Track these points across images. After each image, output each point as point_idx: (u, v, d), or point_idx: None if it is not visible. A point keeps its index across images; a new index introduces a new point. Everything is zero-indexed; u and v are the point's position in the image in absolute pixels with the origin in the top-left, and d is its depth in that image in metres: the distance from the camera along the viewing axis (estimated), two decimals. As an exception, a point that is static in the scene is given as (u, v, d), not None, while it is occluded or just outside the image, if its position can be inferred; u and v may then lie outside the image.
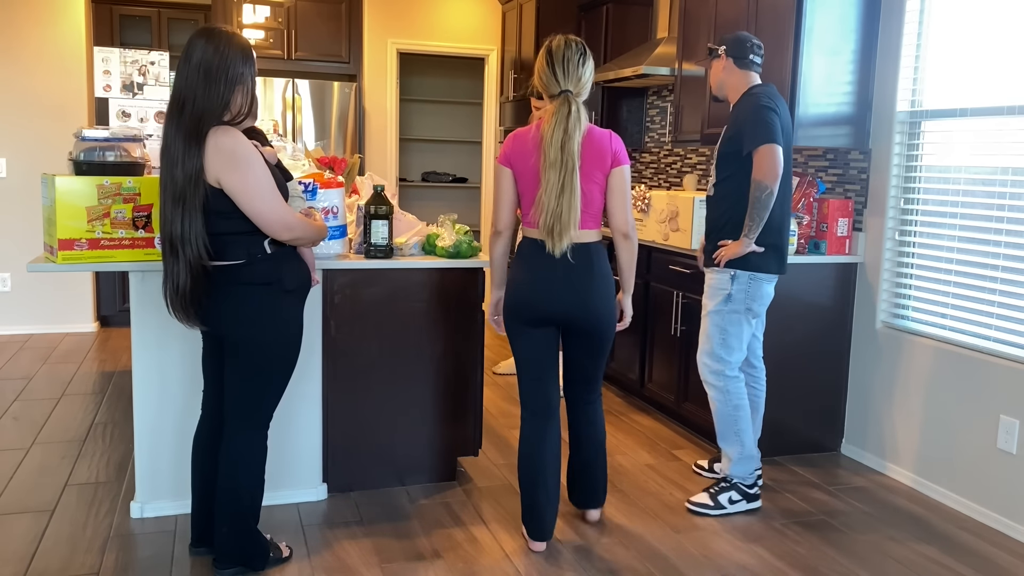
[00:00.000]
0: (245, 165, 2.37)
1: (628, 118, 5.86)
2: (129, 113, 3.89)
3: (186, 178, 2.35)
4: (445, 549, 2.90)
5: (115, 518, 3.05)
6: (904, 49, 3.66)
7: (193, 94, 2.36)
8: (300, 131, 6.35)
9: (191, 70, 2.37)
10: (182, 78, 2.39)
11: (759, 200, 3.04)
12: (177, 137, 2.36)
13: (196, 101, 2.36)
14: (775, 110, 3.08)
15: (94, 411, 4.27)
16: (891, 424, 3.73)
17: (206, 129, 2.35)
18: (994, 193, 3.31)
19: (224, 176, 2.36)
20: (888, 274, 3.78)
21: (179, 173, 2.36)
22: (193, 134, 2.35)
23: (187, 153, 2.35)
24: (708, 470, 3.63)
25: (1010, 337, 3.24)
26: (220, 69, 2.37)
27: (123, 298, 6.15)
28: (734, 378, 3.28)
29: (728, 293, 3.22)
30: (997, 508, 3.24)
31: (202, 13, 6.54)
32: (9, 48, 5.69)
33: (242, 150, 2.37)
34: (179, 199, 2.36)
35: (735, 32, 3.30)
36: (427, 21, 6.94)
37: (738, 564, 2.86)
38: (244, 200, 2.39)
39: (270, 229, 2.44)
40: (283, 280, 2.51)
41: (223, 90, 2.38)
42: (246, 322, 2.50)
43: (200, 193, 2.37)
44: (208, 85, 2.36)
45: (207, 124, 2.36)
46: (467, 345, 3.39)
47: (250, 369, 2.55)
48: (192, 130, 2.35)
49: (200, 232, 2.38)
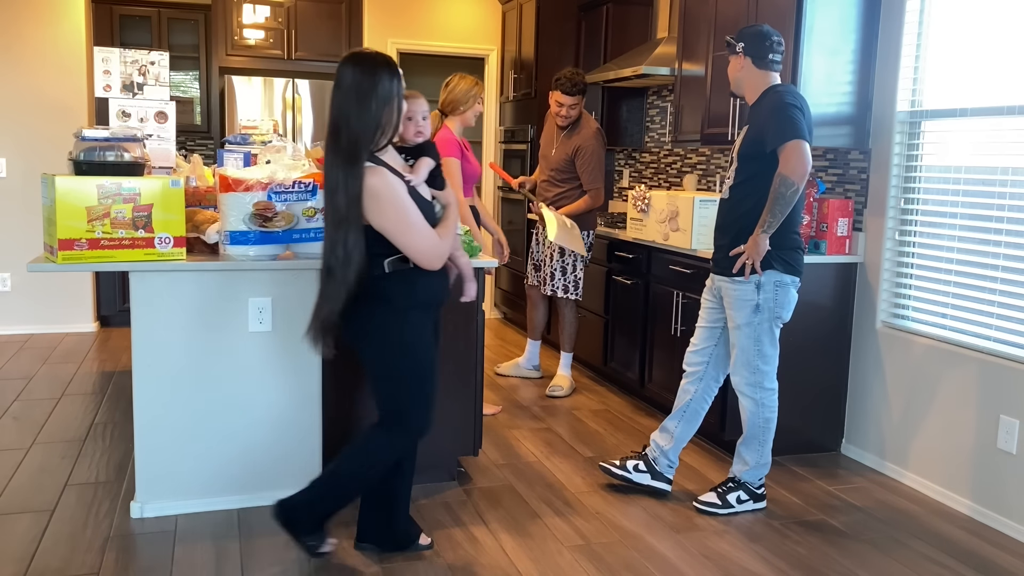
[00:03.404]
0: (390, 206, 2.47)
1: (628, 118, 5.86)
2: (129, 113, 3.88)
3: (348, 201, 2.43)
4: (445, 549, 2.90)
5: (115, 518, 3.05)
6: (904, 49, 3.66)
7: (347, 118, 2.44)
8: (300, 131, 6.35)
9: (343, 95, 2.46)
10: (335, 105, 2.48)
11: (783, 196, 2.98)
12: (335, 163, 2.46)
13: (351, 124, 2.44)
14: (800, 108, 3.03)
15: (94, 411, 4.27)
16: (891, 424, 3.73)
17: (363, 152, 2.45)
18: (994, 193, 3.31)
19: (374, 218, 2.47)
20: (888, 274, 3.78)
21: (341, 199, 2.44)
22: (351, 159, 2.43)
23: (347, 177, 2.43)
24: (620, 467, 3.45)
25: (1010, 337, 3.24)
26: (370, 89, 2.45)
27: (123, 298, 6.15)
28: (771, 390, 3.25)
29: (755, 303, 3.16)
30: (997, 508, 3.24)
31: (202, 13, 6.53)
32: (9, 48, 5.69)
33: (387, 192, 2.46)
34: (341, 222, 2.45)
35: (755, 27, 3.20)
36: (427, 21, 6.94)
37: (738, 564, 2.86)
38: (397, 238, 2.50)
39: (426, 262, 2.55)
40: (394, 299, 2.57)
41: (375, 109, 2.45)
42: (361, 335, 2.59)
43: (361, 214, 2.46)
44: (360, 107, 2.44)
45: (363, 147, 2.45)
46: (467, 345, 3.39)
47: (378, 377, 2.64)
48: (350, 155, 2.44)
49: (363, 251, 2.48)
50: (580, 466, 3.72)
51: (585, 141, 4.71)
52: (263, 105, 6.27)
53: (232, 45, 6.28)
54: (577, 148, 4.71)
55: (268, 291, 3.07)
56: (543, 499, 3.35)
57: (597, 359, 5.10)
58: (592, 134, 4.74)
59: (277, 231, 2.98)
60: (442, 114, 4.29)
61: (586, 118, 4.80)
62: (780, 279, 3.15)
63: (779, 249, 3.13)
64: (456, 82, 4.23)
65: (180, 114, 4.96)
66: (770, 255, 3.11)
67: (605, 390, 4.97)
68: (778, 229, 3.07)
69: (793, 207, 3.07)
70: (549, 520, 3.15)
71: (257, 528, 3.00)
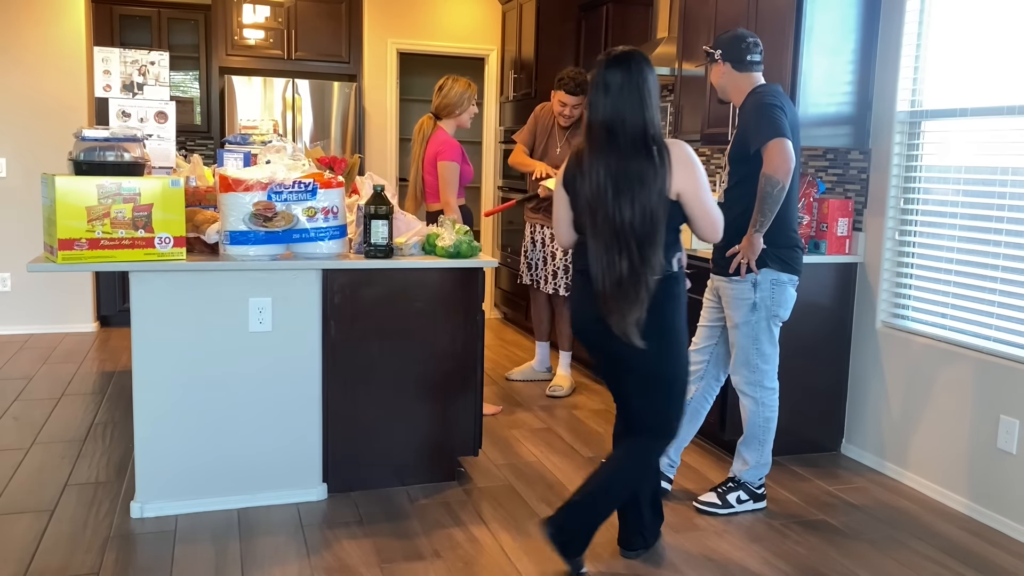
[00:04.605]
0: (698, 168, 2.54)
1: (628, 118, 5.84)
2: (129, 113, 3.87)
3: (658, 198, 2.47)
4: (445, 549, 2.90)
5: (115, 518, 3.05)
6: (904, 49, 3.66)
7: (622, 118, 2.48)
8: (300, 131, 6.35)
9: (615, 96, 2.49)
10: (607, 107, 2.50)
11: (770, 195, 3.00)
12: (626, 163, 2.47)
13: (627, 123, 2.48)
14: (781, 107, 3.05)
15: (94, 411, 4.27)
16: (891, 424, 3.73)
17: (653, 145, 2.48)
18: (994, 193, 3.31)
19: (688, 184, 2.52)
20: (888, 274, 3.78)
21: (646, 197, 2.45)
22: (646, 149, 2.47)
23: (646, 174, 2.46)
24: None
25: (1010, 337, 3.24)
26: (642, 86, 2.49)
27: (123, 298, 6.15)
28: (771, 390, 3.25)
29: (752, 302, 3.17)
30: (997, 508, 3.24)
31: (202, 13, 6.53)
32: (9, 48, 5.69)
33: (693, 155, 2.55)
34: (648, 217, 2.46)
35: (730, 32, 3.25)
36: (427, 21, 6.94)
37: (738, 564, 2.86)
38: (703, 202, 2.56)
39: (714, 229, 2.61)
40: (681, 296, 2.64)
41: (649, 103, 2.50)
42: (655, 337, 2.55)
43: (667, 200, 2.49)
44: (638, 105, 2.48)
45: (652, 140, 2.48)
46: (467, 345, 3.39)
47: (658, 380, 2.64)
48: (643, 146, 2.47)
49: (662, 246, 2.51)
50: (580, 466, 3.72)
51: None
52: (263, 105, 6.27)
53: (232, 45, 6.28)
54: None
55: (268, 291, 3.07)
56: (543, 499, 3.35)
57: (597, 359, 5.09)
58: None
59: (277, 231, 2.98)
60: (435, 117, 4.29)
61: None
62: (777, 277, 3.15)
63: (775, 248, 3.13)
64: (450, 85, 4.23)
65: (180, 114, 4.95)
66: (766, 254, 3.12)
67: (605, 390, 4.95)
68: (774, 228, 3.08)
69: (787, 205, 3.09)
70: (549, 520, 3.15)
71: (257, 528, 3.00)
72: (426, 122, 4.33)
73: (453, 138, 4.22)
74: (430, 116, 4.33)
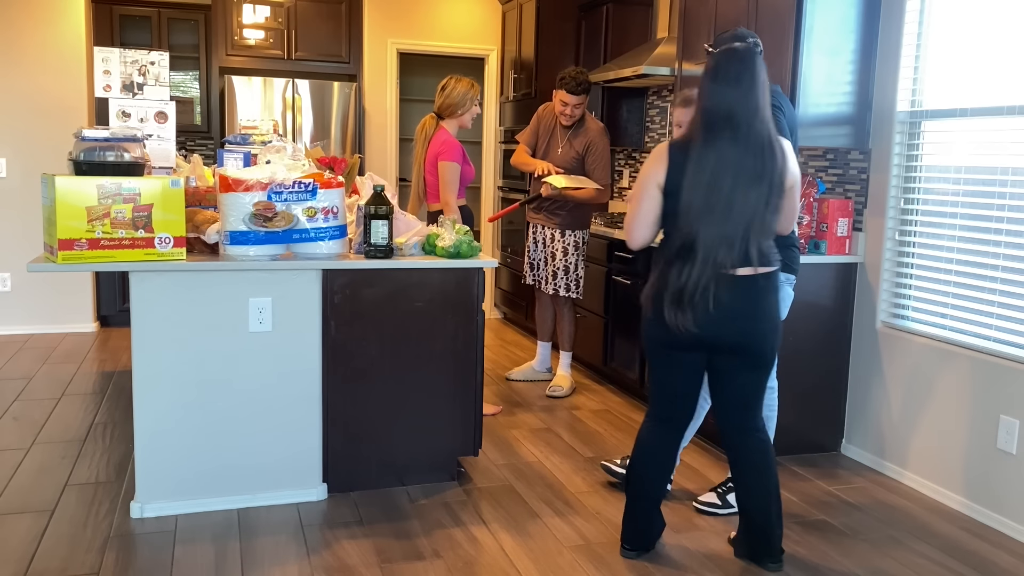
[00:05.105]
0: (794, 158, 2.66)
1: (628, 118, 5.86)
2: (129, 113, 3.88)
3: (777, 186, 2.55)
4: (445, 549, 2.90)
5: (115, 518, 3.05)
6: (904, 49, 3.66)
7: (744, 108, 2.51)
8: (300, 131, 6.36)
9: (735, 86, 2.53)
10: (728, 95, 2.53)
11: None
12: (748, 154, 2.51)
13: (748, 114, 2.52)
14: (780, 107, 3.05)
15: (94, 411, 4.27)
16: (891, 424, 3.73)
17: (773, 136, 2.55)
18: (994, 193, 3.31)
19: (794, 177, 2.63)
20: (888, 274, 3.78)
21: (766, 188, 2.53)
22: (769, 138, 2.53)
23: (767, 165, 2.52)
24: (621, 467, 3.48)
25: (1010, 337, 3.24)
26: (757, 75, 2.54)
27: (123, 298, 6.15)
28: (770, 389, 3.24)
29: None
30: (997, 508, 3.24)
31: (202, 13, 6.53)
32: (9, 48, 5.69)
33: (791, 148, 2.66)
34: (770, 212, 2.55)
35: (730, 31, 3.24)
36: (427, 21, 6.94)
37: (738, 564, 2.86)
38: (794, 197, 2.67)
39: (792, 222, 2.75)
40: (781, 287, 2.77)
41: (766, 94, 2.56)
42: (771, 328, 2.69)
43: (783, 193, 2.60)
44: (758, 96, 2.53)
45: (768, 130, 2.54)
46: (467, 345, 3.39)
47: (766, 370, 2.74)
48: (765, 141, 2.53)
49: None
50: (580, 466, 3.72)
51: (596, 137, 4.72)
52: (263, 105, 6.27)
53: (232, 45, 6.29)
54: (589, 144, 4.71)
55: (268, 291, 3.07)
56: (543, 499, 3.35)
57: (597, 359, 5.10)
58: (600, 131, 4.76)
59: (277, 231, 2.98)
60: (438, 117, 4.29)
61: (589, 117, 4.81)
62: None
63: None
64: (453, 85, 4.23)
65: (180, 114, 4.96)
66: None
67: (605, 390, 4.97)
68: None
69: None
70: (549, 520, 3.16)
71: (257, 528, 3.00)
72: (428, 122, 4.33)
73: (455, 138, 4.22)
74: (433, 116, 4.33)
